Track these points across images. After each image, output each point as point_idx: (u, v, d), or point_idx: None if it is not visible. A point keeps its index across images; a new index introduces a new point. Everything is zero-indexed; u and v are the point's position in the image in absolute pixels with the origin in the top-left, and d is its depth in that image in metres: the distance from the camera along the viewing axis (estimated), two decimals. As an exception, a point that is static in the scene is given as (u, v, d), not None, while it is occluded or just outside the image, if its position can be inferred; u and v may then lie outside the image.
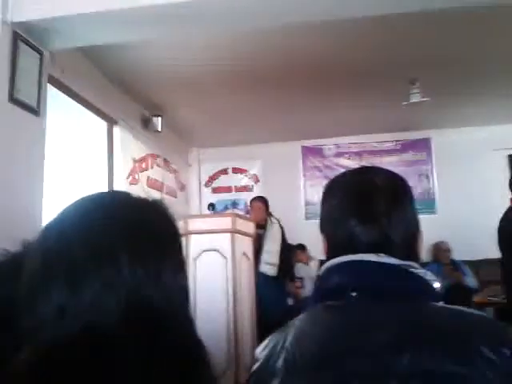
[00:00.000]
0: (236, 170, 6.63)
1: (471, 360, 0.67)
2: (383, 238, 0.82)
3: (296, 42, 3.66)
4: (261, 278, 4.01)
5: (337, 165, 6.35)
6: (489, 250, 5.56)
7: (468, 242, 5.43)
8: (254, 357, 0.86)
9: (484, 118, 5.72)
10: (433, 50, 3.89)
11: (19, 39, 2.61)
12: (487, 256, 5.50)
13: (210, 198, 6.18)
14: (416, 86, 4.41)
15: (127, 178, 4.53)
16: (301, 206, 6.38)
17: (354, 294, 0.80)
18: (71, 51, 3.38)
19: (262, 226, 4.42)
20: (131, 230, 0.65)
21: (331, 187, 0.94)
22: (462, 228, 5.58)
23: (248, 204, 5.47)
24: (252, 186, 6.56)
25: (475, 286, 4.89)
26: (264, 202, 4.70)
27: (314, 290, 0.91)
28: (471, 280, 4.94)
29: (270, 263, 4.36)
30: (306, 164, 6.49)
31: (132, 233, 0.65)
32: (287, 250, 4.71)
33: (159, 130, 5.02)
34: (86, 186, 3.73)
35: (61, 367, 0.55)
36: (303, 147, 6.48)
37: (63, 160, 3.62)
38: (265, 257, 4.35)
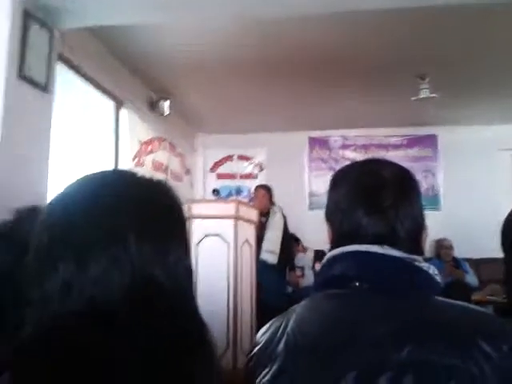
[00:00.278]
0: (241, 157, 6.62)
1: (470, 354, 0.67)
2: (389, 231, 0.83)
3: (308, 33, 3.63)
4: (261, 265, 4.02)
5: (342, 157, 6.33)
6: (490, 249, 5.56)
7: (470, 239, 5.44)
8: (251, 341, 0.86)
9: (492, 116, 5.68)
10: (444, 46, 3.86)
11: (30, 17, 2.60)
12: (488, 255, 5.51)
13: (214, 184, 6.18)
14: (425, 81, 4.39)
15: (133, 160, 4.54)
16: (304, 196, 6.38)
17: (357, 283, 0.80)
18: (81, 31, 3.36)
19: (264, 214, 4.43)
20: (138, 208, 0.65)
21: (339, 177, 0.94)
22: (465, 226, 5.58)
23: (252, 191, 5.48)
24: (257, 173, 6.56)
25: (475, 284, 4.90)
26: (268, 190, 4.70)
27: (317, 277, 0.91)
28: (472, 278, 4.95)
29: (270, 251, 4.37)
30: (312, 155, 6.47)
31: (139, 211, 0.64)
32: (288, 239, 4.73)
33: (166, 113, 5.00)
34: (91, 166, 3.74)
35: (63, 344, 0.55)
36: (310, 138, 6.46)
37: (69, 139, 3.62)
38: (266, 244, 4.36)
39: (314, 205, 6.25)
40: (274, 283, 4.30)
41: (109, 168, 0.84)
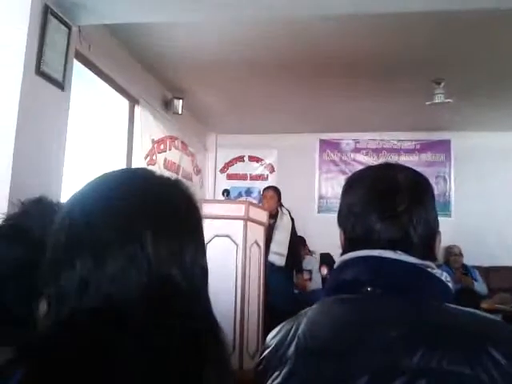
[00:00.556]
0: (252, 159, 6.63)
1: (480, 360, 0.67)
2: (402, 236, 0.82)
3: (323, 35, 3.63)
4: (269, 267, 4.02)
5: (354, 160, 6.31)
6: (500, 257, 5.56)
7: (480, 247, 5.40)
8: (257, 343, 0.87)
9: (506, 123, 5.63)
10: (460, 51, 3.84)
11: (49, 12, 2.62)
12: (499, 263, 5.47)
13: (225, 184, 6.19)
14: (441, 86, 4.35)
15: (145, 159, 4.56)
16: (314, 198, 6.35)
17: (369, 288, 0.80)
18: (99, 28, 3.40)
19: (272, 216, 4.42)
20: (155, 207, 0.65)
21: (353, 181, 0.94)
22: (476, 233, 5.54)
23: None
24: (267, 175, 6.56)
25: (485, 292, 4.85)
26: (277, 191, 4.69)
27: (327, 282, 0.91)
28: (481, 286, 4.90)
29: (278, 253, 4.36)
30: (323, 157, 6.45)
31: (156, 210, 0.64)
32: (296, 241, 4.72)
33: (180, 112, 5.02)
34: (104, 164, 3.77)
35: (77, 341, 0.55)
36: (320, 140, 6.44)
37: (84, 135, 3.65)
38: (274, 246, 4.35)
39: (322, 208, 6.23)
40: (281, 285, 4.29)
41: (124, 166, 0.84)
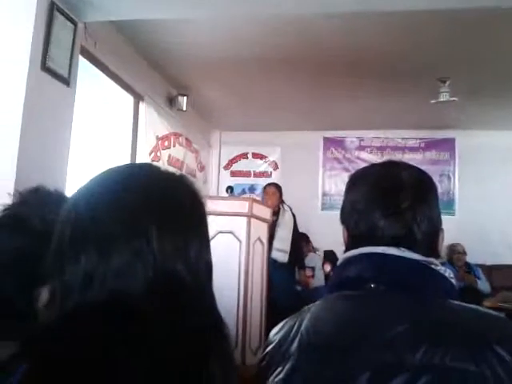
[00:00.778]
0: (256, 156, 6.63)
1: (484, 357, 0.68)
2: (406, 233, 0.83)
3: (328, 33, 3.62)
4: (271, 263, 4.03)
5: (358, 158, 6.30)
6: (504, 256, 5.55)
7: (484, 245, 5.40)
8: (260, 338, 0.87)
9: (511, 122, 5.61)
10: (465, 50, 3.82)
11: (55, 9, 2.63)
12: (502, 261, 5.46)
13: (228, 181, 6.20)
14: (446, 85, 4.35)
15: (149, 155, 4.57)
16: (318, 196, 6.35)
17: (373, 285, 0.80)
18: (104, 25, 3.40)
19: (274, 213, 4.42)
20: (160, 202, 0.65)
21: (357, 178, 0.94)
22: (479, 231, 5.53)
23: (265, 190, 5.47)
24: (271, 172, 6.56)
25: (487, 290, 4.85)
26: (278, 188, 4.69)
27: (330, 279, 0.91)
28: (484, 285, 4.90)
29: (281, 250, 4.37)
30: (327, 155, 6.44)
31: (161, 206, 0.65)
32: (298, 238, 4.72)
33: (184, 109, 5.03)
34: (109, 160, 3.78)
35: (81, 335, 0.55)
36: (324, 138, 6.44)
37: (89, 131, 3.66)
38: (276, 243, 4.36)
39: (326, 205, 6.23)
40: (283, 282, 4.30)
41: (131, 161, 0.84)
